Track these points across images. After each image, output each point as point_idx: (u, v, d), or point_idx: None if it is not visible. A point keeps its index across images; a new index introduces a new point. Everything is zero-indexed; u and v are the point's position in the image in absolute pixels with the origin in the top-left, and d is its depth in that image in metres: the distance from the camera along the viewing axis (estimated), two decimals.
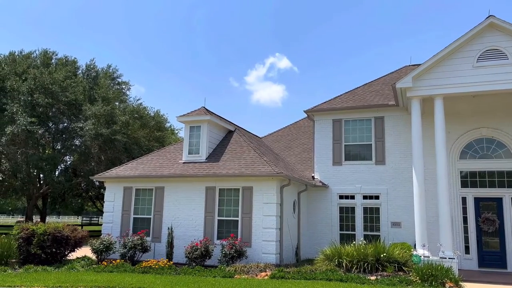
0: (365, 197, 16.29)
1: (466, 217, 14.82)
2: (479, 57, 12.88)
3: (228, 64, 71.13)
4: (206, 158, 15.55)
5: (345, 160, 16.83)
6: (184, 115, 16.18)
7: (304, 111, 17.61)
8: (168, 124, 36.09)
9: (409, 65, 19.06)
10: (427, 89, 13.39)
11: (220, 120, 16.56)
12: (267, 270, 12.27)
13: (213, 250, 13.59)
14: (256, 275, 11.89)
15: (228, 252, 13.08)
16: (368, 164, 16.42)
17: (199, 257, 13.32)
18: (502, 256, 14.29)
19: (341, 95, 18.10)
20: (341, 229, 16.41)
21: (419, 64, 13.63)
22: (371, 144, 16.52)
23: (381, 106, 16.28)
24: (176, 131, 37.53)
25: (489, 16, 12.68)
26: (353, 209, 16.39)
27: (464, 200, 14.95)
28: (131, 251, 14.14)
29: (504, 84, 12.58)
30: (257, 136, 20.12)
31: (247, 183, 14.22)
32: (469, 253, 14.56)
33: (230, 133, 17.09)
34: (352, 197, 16.47)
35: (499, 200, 14.59)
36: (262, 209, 13.91)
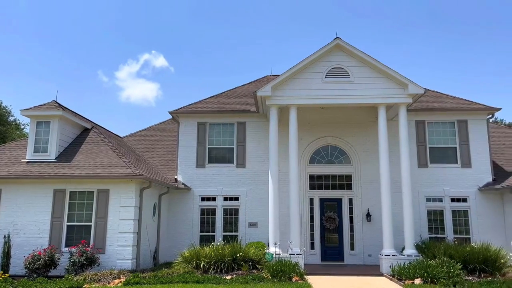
0: (226, 199, 16.78)
1: (313, 216, 16.46)
2: (327, 73, 14.49)
3: (97, 57, 65.33)
4: (56, 158, 14.07)
5: (208, 162, 17.09)
6: (30, 108, 14.39)
7: (169, 112, 17.33)
8: (12, 118, 31.61)
9: (270, 75, 20.39)
10: (284, 99, 14.51)
11: (74, 116, 15.18)
12: (121, 276, 11.66)
13: (59, 259, 12.37)
14: (109, 283, 11.19)
15: (77, 260, 12.05)
16: (230, 167, 16.97)
17: (42, 267, 11.98)
18: (340, 250, 16.25)
19: (207, 98, 18.36)
20: (201, 231, 16.57)
21: (279, 75, 14.69)
22: (234, 147, 17.12)
23: (244, 112, 17.02)
24: (23, 126, 33.10)
25: (336, 38, 14.37)
26: (214, 210, 16.72)
27: (311, 200, 16.58)
28: None
29: (346, 99, 14.40)
30: (117, 135, 19.05)
31: (103, 185, 13.33)
32: (314, 249, 16.19)
33: (86, 131, 15.79)
34: (214, 199, 16.80)
35: (339, 201, 16.59)
36: (119, 213, 13.19)
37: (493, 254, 12.66)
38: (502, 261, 12.66)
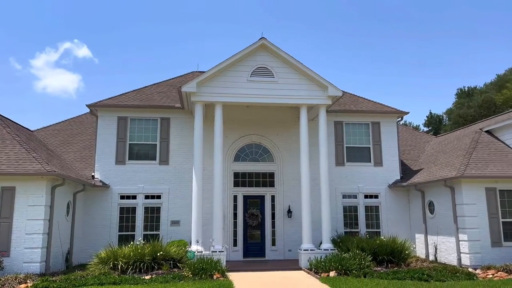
0: (147, 197, 16.25)
1: (236, 213, 16.59)
2: (252, 72, 14.66)
3: (9, 42, 59.02)
4: None
5: (129, 159, 16.41)
6: None
7: (87, 106, 16.32)
8: None
9: (196, 71, 20.13)
10: (209, 96, 14.41)
11: None
12: (28, 281, 10.78)
13: None
14: None
15: None
16: (152, 164, 16.46)
17: None
18: (262, 246, 16.57)
19: (128, 92, 17.60)
20: (120, 230, 15.86)
21: (205, 71, 14.55)
22: (156, 144, 16.63)
23: (168, 107, 16.61)
24: None
25: (261, 38, 14.59)
26: (134, 209, 16.10)
27: (235, 198, 16.69)
28: None
29: (270, 98, 14.71)
30: (27, 128, 17.50)
31: (9, 182, 12.21)
32: (236, 246, 16.31)
33: None
34: (134, 197, 16.17)
35: (262, 198, 16.90)
36: (26, 212, 12.16)
37: (399, 246, 13.78)
38: (406, 252, 13.84)
